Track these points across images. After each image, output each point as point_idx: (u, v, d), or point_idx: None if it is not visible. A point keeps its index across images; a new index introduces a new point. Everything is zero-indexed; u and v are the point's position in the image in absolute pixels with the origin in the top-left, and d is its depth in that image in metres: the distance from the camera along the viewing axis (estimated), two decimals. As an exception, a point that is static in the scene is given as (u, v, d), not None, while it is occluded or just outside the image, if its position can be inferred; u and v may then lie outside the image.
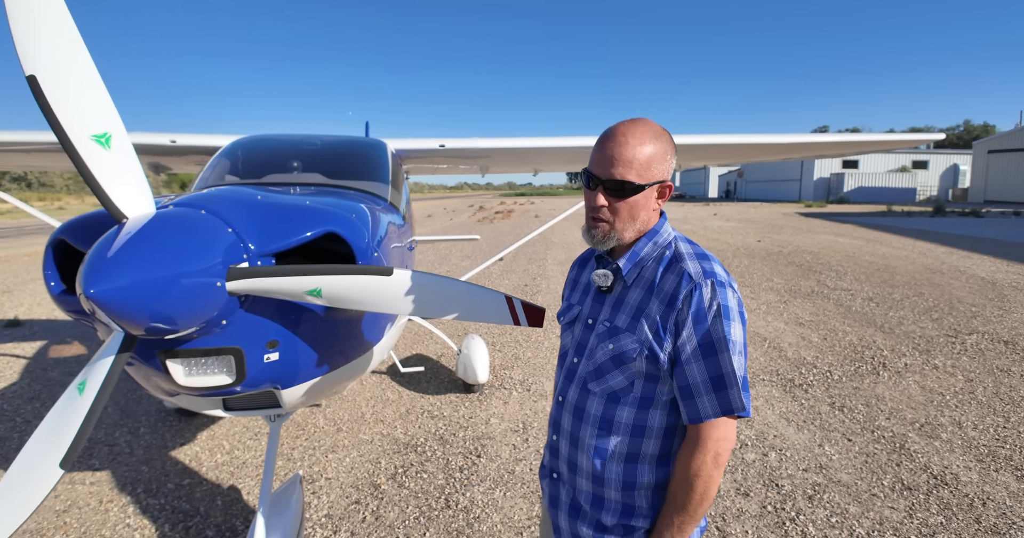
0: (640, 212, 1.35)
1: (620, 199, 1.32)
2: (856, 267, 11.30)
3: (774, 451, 3.79)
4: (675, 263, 1.34)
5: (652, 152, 1.30)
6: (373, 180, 3.39)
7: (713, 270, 1.32)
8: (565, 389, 1.49)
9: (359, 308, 1.68)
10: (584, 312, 1.50)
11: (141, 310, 1.39)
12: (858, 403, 4.58)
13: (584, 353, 1.46)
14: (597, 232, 1.37)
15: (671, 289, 1.30)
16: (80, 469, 3.89)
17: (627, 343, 1.33)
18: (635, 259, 1.41)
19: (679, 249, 1.38)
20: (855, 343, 6.25)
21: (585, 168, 1.36)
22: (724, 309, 1.27)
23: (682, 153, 5.99)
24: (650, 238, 1.41)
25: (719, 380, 1.26)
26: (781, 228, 20.90)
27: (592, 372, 1.41)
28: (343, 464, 3.76)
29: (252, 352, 1.80)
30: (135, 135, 4.18)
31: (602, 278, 1.43)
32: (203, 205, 1.67)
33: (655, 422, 1.37)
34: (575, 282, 1.61)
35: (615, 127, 1.33)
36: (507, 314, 1.70)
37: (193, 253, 1.50)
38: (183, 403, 2.14)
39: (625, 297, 1.40)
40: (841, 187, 47.90)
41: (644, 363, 1.32)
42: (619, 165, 1.28)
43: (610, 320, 1.40)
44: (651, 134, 1.32)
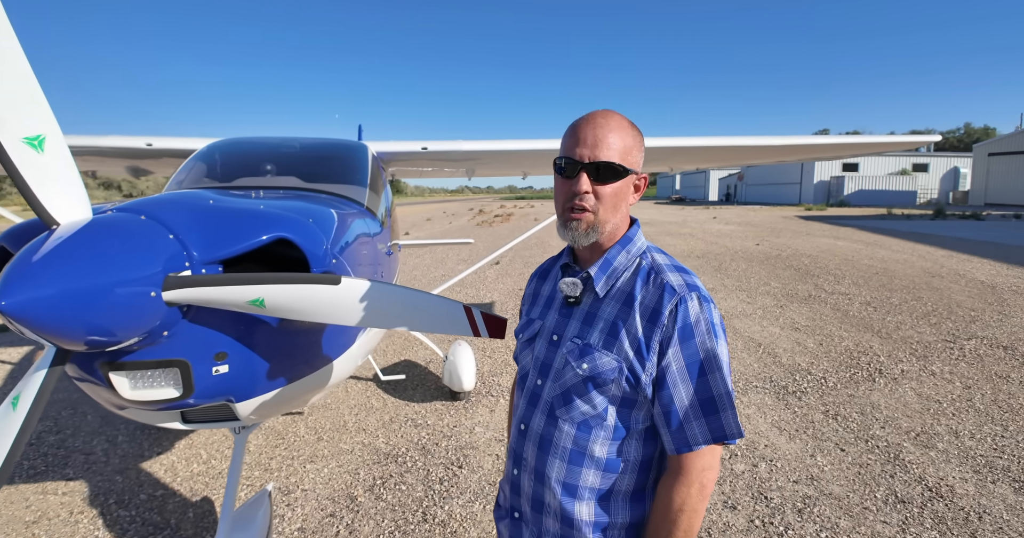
0: (622, 202, 1.25)
1: (605, 184, 1.20)
2: (855, 271, 11.19)
3: (764, 462, 3.69)
4: (655, 274, 1.22)
5: (631, 139, 1.23)
6: (350, 183, 3.30)
7: (696, 283, 1.21)
8: (528, 416, 1.33)
9: (305, 319, 1.58)
10: (547, 327, 1.35)
11: (61, 323, 1.29)
12: (852, 411, 4.47)
13: (549, 374, 1.30)
14: (580, 223, 1.22)
15: (653, 302, 1.18)
16: (54, 479, 3.80)
17: (603, 363, 1.19)
18: (607, 268, 1.27)
19: (656, 260, 1.27)
20: (851, 349, 6.14)
21: (560, 156, 1.25)
22: (711, 325, 1.17)
23: (681, 156, 5.90)
24: (623, 246, 1.29)
25: (710, 403, 1.15)
26: (780, 231, 20.80)
27: (560, 396, 1.26)
28: (321, 475, 3.66)
29: (199, 364, 1.71)
30: (111, 138, 4.12)
31: (570, 287, 1.28)
32: (144, 210, 1.58)
33: (631, 454, 1.24)
34: (535, 295, 1.47)
35: (591, 113, 1.24)
36: (466, 325, 1.61)
37: (124, 261, 1.41)
38: (137, 417, 2.05)
39: (597, 311, 1.26)
40: (841, 190, 47.77)
41: (622, 386, 1.19)
42: (603, 147, 1.18)
43: (581, 336, 1.25)
44: (627, 122, 1.25)
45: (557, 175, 1.26)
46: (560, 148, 1.27)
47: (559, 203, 1.26)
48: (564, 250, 1.41)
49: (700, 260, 13.35)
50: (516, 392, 1.44)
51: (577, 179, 1.20)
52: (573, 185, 1.21)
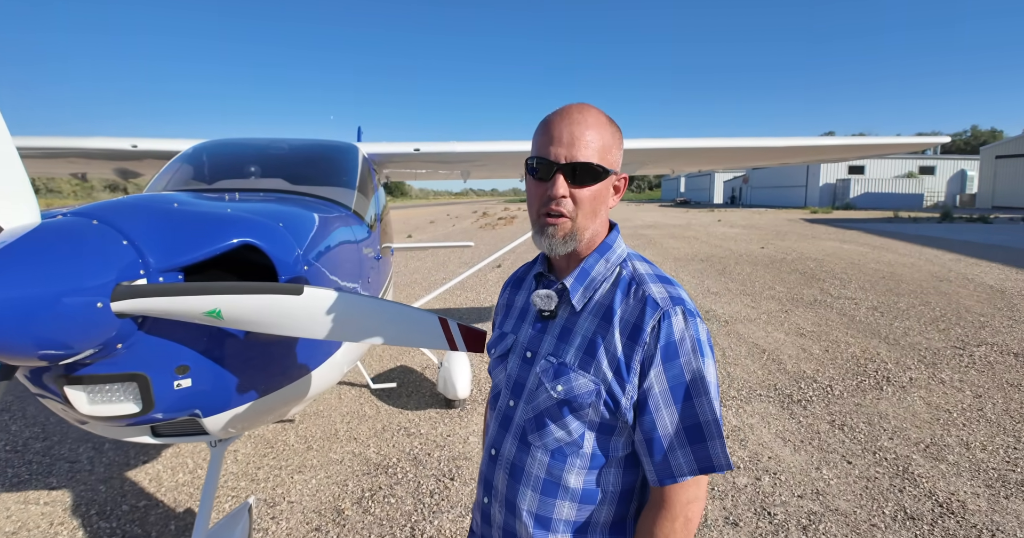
0: (602, 207, 1.14)
1: (583, 187, 1.08)
2: (861, 275, 11.03)
3: (768, 475, 3.55)
4: (636, 286, 1.11)
5: (610, 136, 1.12)
6: (337, 186, 3.19)
7: (680, 296, 1.10)
8: (498, 440, 1.21)
9: (265, 331, 1.47)
10: (521, 342, 1.23)
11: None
12: (859, 421, 4.33)
13: (522, 395, 1.18)
14: (556, 230, 1.10)
15: (634, 318, 1.07)
16: (37, 487, 3.70)
17: (580, 385, 1.08)
18: (585, 279, 1.15)
19: (637, 269, 1.15)
20: (858, 355, 5.99)
21: (532, 156, 1.12)
22: (697, 343, 1.06)
23: (684, 157, 5.78)
24: (601, 253, 1.17)
25: (696, 430, 1.04)
26: (785, 234, 20.62)
27: (532, 420, 1.14)
28: (308, 486, 3.54)
29: (159, 378, 1.60)
30: (96, 139, 4.03)
31: (544, 300, 1.16)
32: (97, 214, 1.47)
33: (609, 484, 1.12)
34: (508, 306, 1.34)
35: (565, 108, 1.12)
36: (442, 338, 1.49)
37: (69, 269, 1.30)
38: (103, 432, 1.94)
39: (574, 326, 1.14)
40: (847, 193, 47.46)
41: (600, 411, 1.08)
42: (580, 146, 1.06)
43: (556, 354, 1.14)
44: (605, 117, 1.13)
45: (529, 177, 1.14)
46: (532, 147, 1.14)
47: (533, 208, 1.14)
48: (539, 256, 1.29)
49: (704, 263, 13.20)
50: (488, 411, 1.32)
51: (552, 182, 1.08)
52: (548, 188, 1.09)
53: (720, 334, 6.91)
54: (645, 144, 4.74)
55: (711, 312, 8.09)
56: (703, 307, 8.43)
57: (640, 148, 4.78)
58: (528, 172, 1.14)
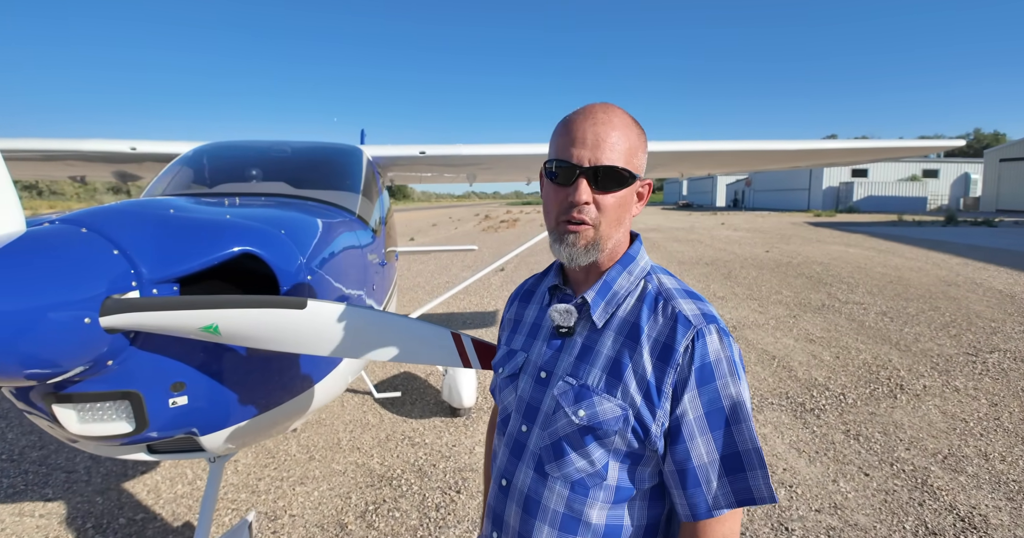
0: (626, 214, 1.05)
1: (607, 192, 0.99)
2: (868, 279, 10.91)
3: (784, 488, 3.44)
4: (664, 302, 1.01)
5: (636, 138, 1.03)
6: (341, 189, 3.10)
7: (713, 313, 1.01)
8: (510, 470, 1.10)
9: (266, 347, 1.38)
10: (533, 361, 1.12)
11: None
12: (875, 431, 4.22)
13: (536, 419, 1.07)
14: (578, 239, 1.00)
15: (664, 337, 0.97)
16: (32, 499, 3.61)
17: (605, 410, 0.98)
18: (607, 293, 1.05)
19: (664, 283, 1.06)
20: (869, 362, 5.88)
21: (551, 159, 1.02)
22: (734, 364, 0.97)
23: (692, 161, 5.69)
24: (624, 265, 1.08)
25: (735, 460, 0.94)
26: (790, 238, 20.50)
27: (550, 448, 1.03)
28: (310, 499, 3.44)
29: (153, 396, 1.51)
30: (93, 142, 3.94)
31: (563, 315, 1.06)
32: (86, 222, 1.38)
33: (635, 519, 1.02)
34: (516, 321, 1.24)
35: (588, 107, 1.02)
36: (455, 354, 1.40)
37: (55, 282, 1.21)
38: (96, 450, 1.84)
39: (595, 344, 1.03)
40: (850, 196, 47.34)
41: (628, 439, 0.98)
42: (606, 148, 0.97)
43: (576, 375, 1.03)
44: (630, 118, 1.04)
45: (548, 181, 1.04)
46: (550, 149, 1.04)
47: (551, 215, 1.04)
48: (551, 267, 1.19)
49: (709, 267, 13.09)
50: (496, 436, 1.20)
51: (575, 187, 0.98)
52: (570, 194, 0.99)
53: (728, 340, 6.80)
54: (652, 147, 4.65)
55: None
56: (710, 312, 8.33)
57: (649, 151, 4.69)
58: (547, 176, 1.04)
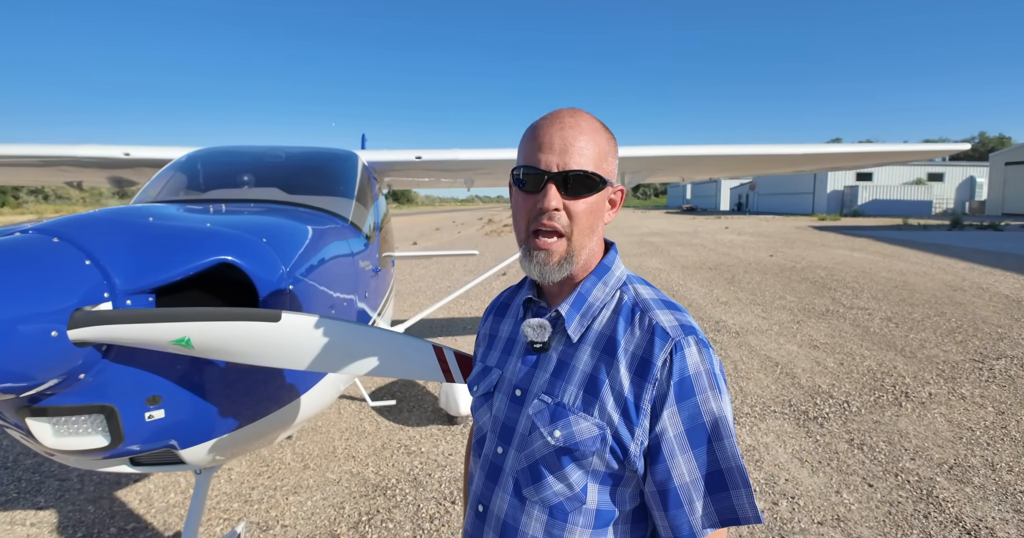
0: (598, 222, 1.00)
1: (578, 198, 0.95)
2: (873, 284, 10.82)
3: (786, 499, 3.37)
4: (640, 313, 0.97)
5: (605, 143, 0.99)
6: (335, 195, 3.06)
7: (691, 324, 0.96)
8: (486, 494, 1.05)
9: (241, 361, 1.34)
10: (508, 378, 1.07)
11: None
12: (879, 440, 4.15)
13: (512, 440, 1.02)
14: (549, 256, 0.97)
15: (641, 350, 0.93)
16: (24, 507, 3.57)
17: (581, 430, 0.93)
18: (581, 305, 1.01)
19: (640, 294, 1.01)
20: (874, 369, 5.80)
21: (518, 166, 0.99)
22: (714, 377, 0.93)
23: (689, 165, 5.64)
24: (599, 276, 1.03)
25: (717, 478, 0.90)
26: (794, 242, 20.39)
27: (526, 471, 0.99)
28: (303, 509, 3.39)
29: (128, 410, 1.46)
30: (87, 147, 3.92)
31: (537, 330, 1.01)
32: (58, 231, 1.34)
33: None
34: (492, 337, 1.19)
35: (555, 112, 0.99)
36: (436, 368, 1.35)
37: (17, 294, 1.17)
38: (77, 463, 1.79)
39: (571, 360, 0.99)
40: (855, 200, 47.16)
41: (606, 459, 0.93)
42: (574, 152, 0.93)
43: (551, 393, 0.98)
44: (599, 123, 1.00)
45: (516, 189, 0.99)
46: (518, 156, 1.00)
47: (521, 225, 0.99)
48: (526, 279, 1.14)
49: (713, 272, 13.02)
50: (472, 458, 1.16)
51: (544, 193, 0.94)
52: (539, 201, 0.94)
53: (731, 346, 6.74)
54: (653, 152, 4.60)
55: (721, 322, 7.91)
56: (712, 317, 8.25)
57: (648, 156, 4.64)
58: (514, 184, 1.00)
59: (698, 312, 8.65)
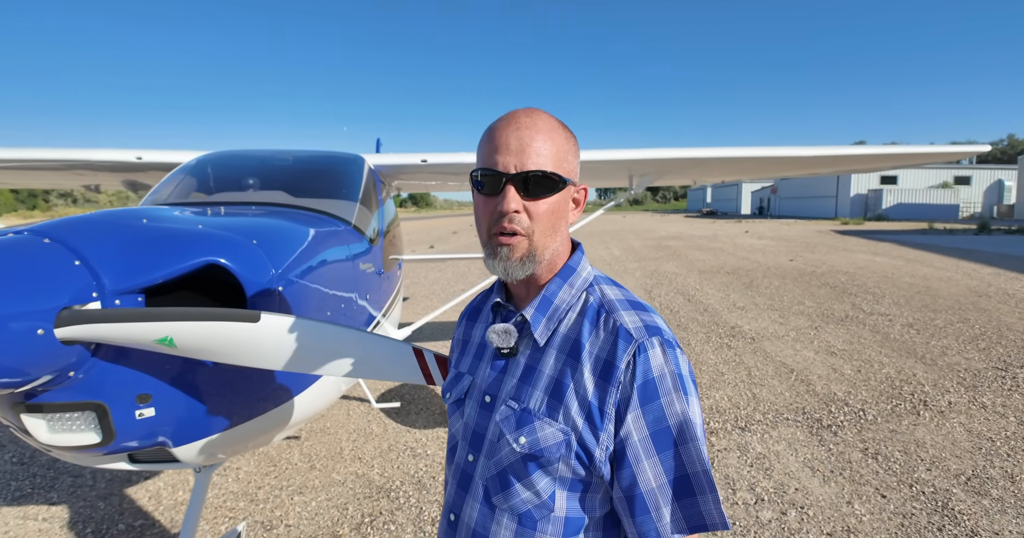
0: (561, 222, 0.99)
1: (538, 199, 0.94)
2: (895, 289, 10.60)
3: (795, 509, 3.30)
4: (605, 314, 0.96)
5: (565, 142, 0.97)
6: (338, 198, 3.07)
7: (657, 324, 0.94)
8: (458, 503, 1.04)
9: (222, 361, 1.35)
10: (478, 384, 1.06)
11: None
12: (895, 450, 4.05)
13: (482, 447, 1.01)
14: (512, 251, 0.94)
15: (605, 353, 0.92)
16: (37, 502, 3.65)
17: (546, 436, 0.92)
18: (547, 308, 1.00)
19: (606, 295, 1.00)
20: (892, 376, 5.67)
21: (477, 168, 0.98)
22: (679, 379, 0.91)
23: (703, 168, 5.56)
24: (564, 278, 1.02)
25: (683, 483, 0.88)
26: (815, 246, 20.09)
27: (496, 478, 0.97)
28: (308, 509, 3.41)
29: (118, 407, 1.48)
30: (101, 152, 4.00)
31: (502, 336, 1.00)
32: (50, 232, 1.36)
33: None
34: (464, 342, 1.18)
35: (511, 113, 0.97)
36: (416, 370, 1.34)
37: (8, 292, 1.19)
38: (76, 461, 1.82)
39: (537, 364, 0.98)
40: (879, 204, 46.29)
41: (572, 465, 0.92)
42: (532, 153, 0.92)
43: (518, 399, 0.97)
44: (557, 122, 0.99)
45: (476, 193, 0.98)
46: (477, 158, 0.99)
47: (482, 228, 0.98)
48: (496, 283, 1.13)
49: (730, 276, 12.87)
50: (446, 466, 1.15)
51: (503, 195, 0.92)
52: (498, 203, 0.93)
53: (746, 352, 6.64)
54: (664, 154, 4.55)
55: (737, 328, 7.81)
56: (728, 323, 8.14)
57: (658, 158, 4.59)
58: (474, 187, 0.98)
59: (714, 317, 8.55)
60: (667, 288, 11.43)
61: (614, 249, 20.66)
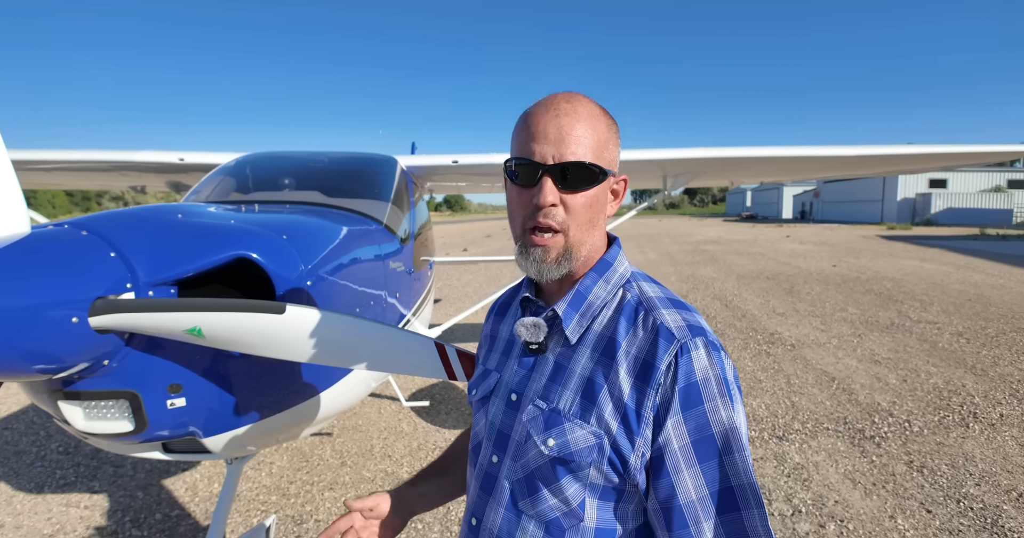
0: (599, 216, 0.93)
1: (576, 192, 0.88)
2: (944, 297, 10.17)
3: (834, 522, 3.18)
4: (644, 312, 0.89)
5: (606, 129, 0.91)
6: (371, 198, 3.11)
7: (700, 324, 0.87)
8: (480, 506, 0.99)
9: (249, 352, 1.36)
10: (505, 382, 1.01)
11: None
12: (942, 463, 3.87)
13: (508, 449, 0.96)
14: (547, 252, 0.90)
15: (644, 352, 0.85)
16: (80, 490, 3.78)
17: (577, 439, 0.86)
18: (580, 304, 0.93)
19: (644, 291, 0.93)
20: (940, 387, 5.43)
21: (511, 157, 0.92)
22: (725, 384, 0.84)
23: (751, 167, 5.41)
24: (600, 273, 0.96)
25: (727, 496, 0.81)
26: (860, 252, 19.45)
27: (523, 482, 0.92)
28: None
29: (150, 396, 1.52)
30: (145, 153, 4.14)
31: (531, 329, 0.94)
32: (88, 225, 1.41)
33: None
34: (492, 338, 1.13)
35: (551, 97, 0.91)
36: (439, 365, 1.33)
37: (43, 282, 1.22)
38: (112, 449, 1.87)
39: (568, 363, 0.92)
40: (928, 208, 44.53)
41: (604, 471, 0.85)
42: (571, 142, 0.86)
43: (547, 398, 0.91)
44: (598, 107, 0.92)
45: (510, 183, 0.93)
46: (511, 146, 0.94)
47: (516, 221, 0.92)
48: (524, 279, 1.09)
49: (770, 281, 12.56)
50: (468, 466, 1.10)
51: (539, 187, 0.87)
52: (534, 196, 0.88)
53: (785, 359, 6.46)
54: (700, 153, 4.46)
55: (776, 334, 7.61)
56: (767, 329, 7.94)
57: (694, 157, 4.51)
58: (508, 177, 0.93)
59: (752, 323, 8.35)
60: (704, 293, 11.22)
61: (649, 253, 20.41)
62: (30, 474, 4.00)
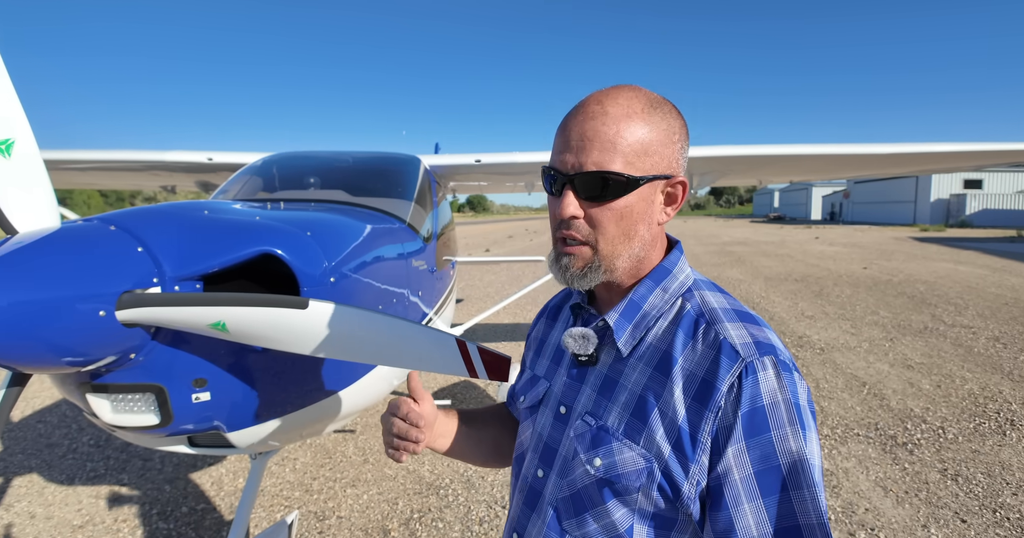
0: (638, 225, 0.84)
1: (601, 203, 0.81)
2: (980, 300, 9.87)
3: (864, 530, 3.09)
4: (705, 325, 0.82)
5: (648, 129, 0.80)
6: (394, 197, 3.12)
7: (771, 341, 0.79)
8: (523, 522, 0.94)
9: (272, 346, 1.37)
10: (555, 392, 0.96)
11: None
12: (977, 471, 3.74)
13: (554, 464, 0.91)
14: (571, 261, 0.84)
15: (703, 371, 0.78)
16: (109, 483, 3.87)
17: (625, 460, 0.80)
18: (634, 314, 0.87)
19: (707, 302, 0.86)
20: (976, 393, 5.26)
21: (546, 165, 0.87)
22: (797, 409, 0.75)
23: (778, 166, 5.30)
24: (657, 281, 0.89)
25: (793, 535, 0.72)
26: (892, 254, 18.99)
27: (567, 501, 0.87)
28: (359, 502, 3.46)
29: (176, 390, 1.53)
30: (174, 153, 4.23)
31: (579, 341, 0.89)
32: (116, 220, 1.43)
33: None
34: (541, 342, 1.08)
35: (586, 99, 0.83)
36: (460, 363, 1.32)
37: (71, 275, 1.24)
38: (138, 442, 1.90)
39: (619, 377, 0.86)
40: (962, 209, 43.27)
41: (653, 498, 0.79)
42: (594, 149, 0.79)
43: (595, 413, 0.86)
44: (643, 103, 0.81)
45: (546, 191, 0.90)
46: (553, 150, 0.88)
47: (552, 232, 0.89)
48: None
49: (799, 284, 12.33)
50: (511, 477, 1.05)
51: (561, 199, 0.83)
52: (558, 206, 0.84)
53: (814, 363, 6.32)
54: (725, 151, 4.39)
55: (805, 337, 7.45)
56: (796, 332, 7.78)
57: (720, 156, 4.44)
58: (544, 186, 0.89)
59: (780, 326, 8.20)
60: (729, 294, 11.05)
61: (674, 254, 20.18)
62: (62, 466, 4.10)
